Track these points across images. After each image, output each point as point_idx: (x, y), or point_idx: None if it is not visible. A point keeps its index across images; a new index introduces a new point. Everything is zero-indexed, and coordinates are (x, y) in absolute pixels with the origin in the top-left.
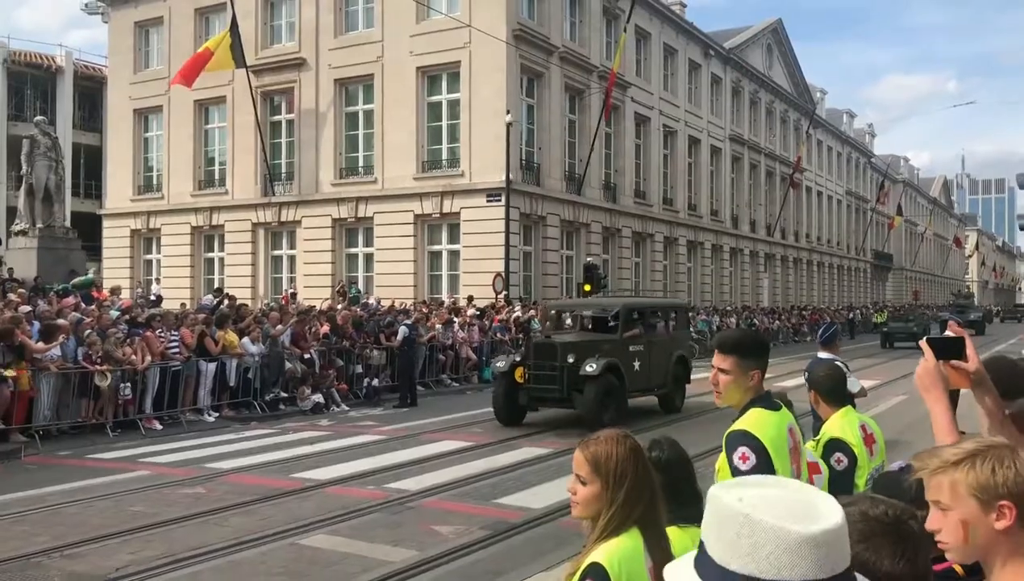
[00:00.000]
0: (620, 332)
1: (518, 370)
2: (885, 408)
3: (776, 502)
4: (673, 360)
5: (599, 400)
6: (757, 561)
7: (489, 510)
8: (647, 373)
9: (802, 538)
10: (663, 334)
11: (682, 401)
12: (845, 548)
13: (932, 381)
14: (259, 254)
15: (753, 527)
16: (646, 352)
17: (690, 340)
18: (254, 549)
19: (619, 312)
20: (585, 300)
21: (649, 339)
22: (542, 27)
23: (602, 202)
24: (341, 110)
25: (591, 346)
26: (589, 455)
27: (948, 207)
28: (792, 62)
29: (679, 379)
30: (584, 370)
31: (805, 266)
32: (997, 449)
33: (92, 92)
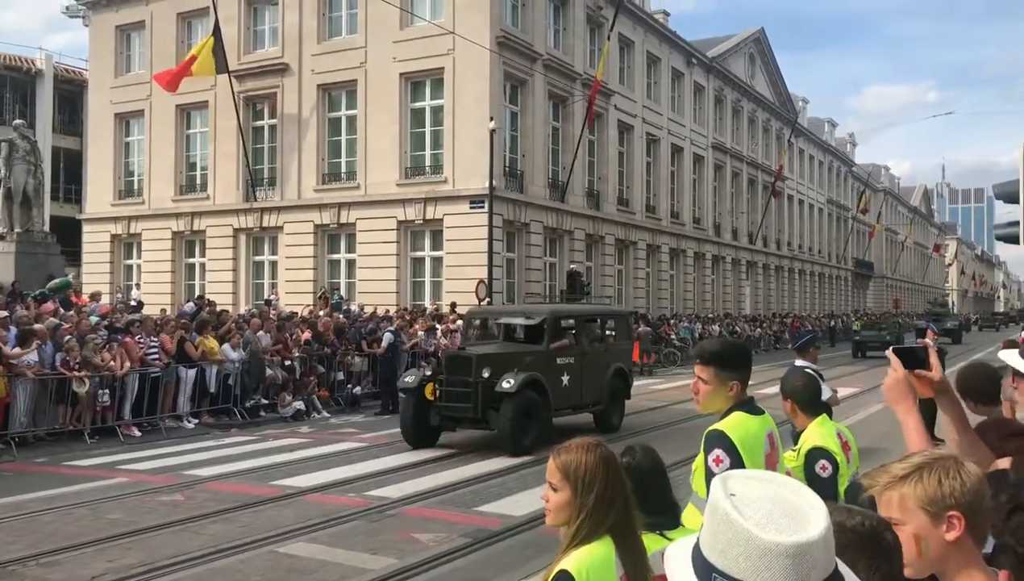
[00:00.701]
0: (546, 343)
1: (428, 386)
2: (864, 416)
3: (763, 504)
4: (610, 374)
5: (517, 420)
6: (727, 559)
7: (469, 518)
8: (578, 388)
9: (767, 547)
10: (599, 345)
11: (620, 419)
12: (822, 560)
13: (901, 393)
14: (240, 260)
15: (728, 526)
16: (577, 365)
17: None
18: (233, 557)
19: (545, 320)
20: (507, 307)
21: (582, 351)
22: (526, 34)
23: (585, 209)
24: (324, 116)
25: (511, 359)
26: (560, 463)
27: (928, 216)
28: (774, 71)
29: (617, 395)
30: (500, 386)
31: (787, 274)
32: (943, 460)
33: (72, 96)
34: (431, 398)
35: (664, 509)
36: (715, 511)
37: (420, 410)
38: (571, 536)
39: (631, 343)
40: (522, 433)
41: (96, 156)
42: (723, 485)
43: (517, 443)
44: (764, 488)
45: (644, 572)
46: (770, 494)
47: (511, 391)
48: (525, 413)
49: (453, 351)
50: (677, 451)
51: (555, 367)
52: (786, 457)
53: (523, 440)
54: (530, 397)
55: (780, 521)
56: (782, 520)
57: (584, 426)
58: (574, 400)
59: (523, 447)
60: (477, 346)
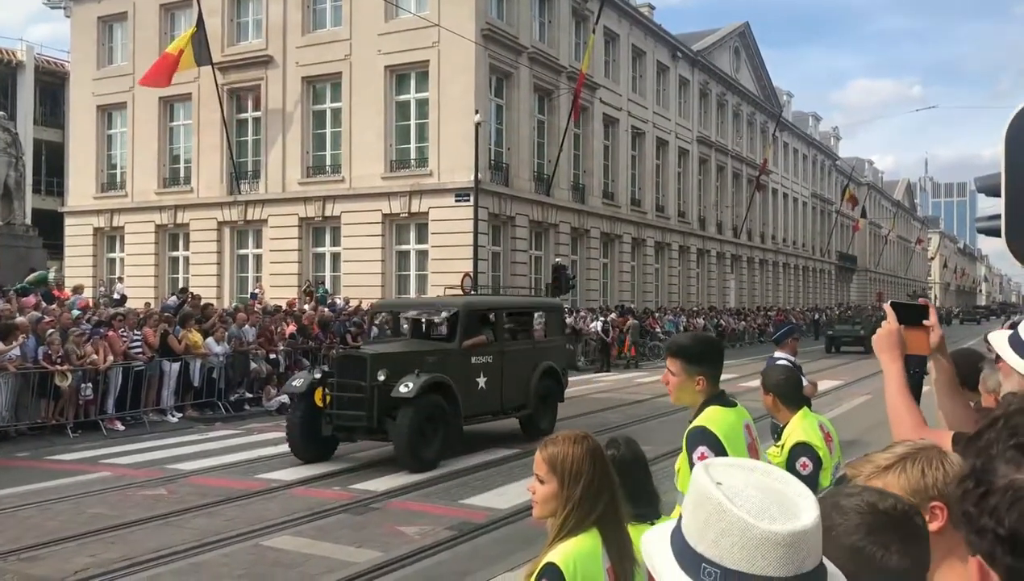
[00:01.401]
0: (459, 340)
1: (319, 391)
2: (848, 408)
3: (753, 492)
4: (538, 374)
5: (415, 430)
6: (720, 549)
7: (455, 511)
8: (498, 391)
9: (764, 536)
10: (525, 342)
11: (552, 423)
12: (815, 547)
13: (890, 344)
14: (225, 253)
15: (721, 515)
16: (497, 365)
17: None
18: (217, 551)
19: (457, 314)
20: (415, 299)
21: (502, 349)
22: (511, 27)
23: (570, 203)
24: (308, 108)
25: (411, 359)
26: (547, 455)
27: (911, 210)
28: (759, 65)
29: (547, 397)
30: (397, 391)
31: (771, 267)
32: (926, 451)
33: (54, 88)
34: (321, 404)
35: (646, 500)
36: (704, 500)
37: (310, 418)
38: (558, 528)
39: (564, 339)
40: (423, 445)
41: (78, 148)
42: (707, 473)
43: (416, 457)
44: (748, 476)
45: (630, 564)
46: (755, 482)
47: (409, 396)
48: (428, 420)
49: (345, 350)
50: (662, 444)
51: (469, 367)
52: (770, 453)
53: (423, 453)
54: (434, 403)
55: (772, 510)
56: (774, 508)
57: (508, 433)
58: (493, 404)
59: (424, 461)
60: (378, 344)
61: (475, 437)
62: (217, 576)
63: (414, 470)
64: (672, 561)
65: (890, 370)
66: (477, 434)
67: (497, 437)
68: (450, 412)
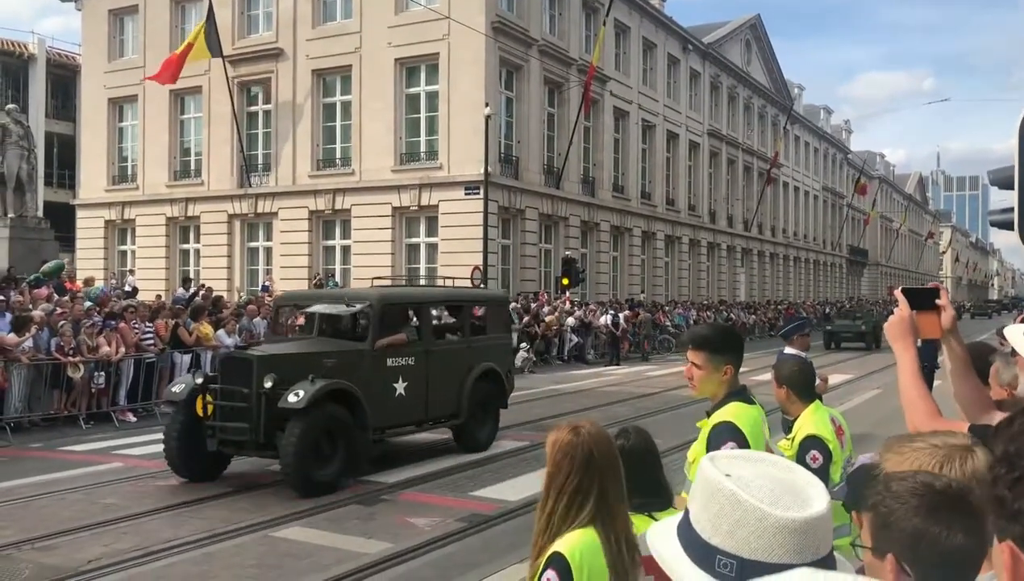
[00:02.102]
0: (371, 339)
1: (200, 398)
2: (859, 402)
3: (764, 482)
4: (474, 377)
5: (307, 447)
6: (736, 540)
7: (465, 502)
8: (421, 398)
9: (781, 523)
10: (457, 340)
11: (491, 434)
12: (828, 534)
13: (902, 331)
14: (235, 246)
15: (736, 506)
16: (420, 367)
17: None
18: (228, 541)
19: (369, 309)
20: (323, 291)
21: (427, 348)
22: (521, 20)
23: (580, 196)
24: (318, 101)
25: (306, 361)
26: (548, 441)
27: (923, 204)
28: (770, 58)
29: (487, 404)
30: (285, 400)
31: (781, 261)
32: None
33: (65, 81)
34: (203, 414)
35: (656, 491)
36: (716, 492)
37: (191, 430)
38: (545, 519)
39: (510, 336)
40: (317, 464)
41: (89, 141)
42: (716, 466)
43: (306, 479)
44: (756, 467)
45: (627, 559)
46: (764, 473)
47: (299, 407)
48: (327, 435)
49: (230, 350)
50: (671, 437)
51: (384, 371)
52: (781, 446)
53: (317, 474)
54: (331, 414)
55: (785, 498)
56: (787, 497)
57: (516, 424)
58: (415, 413)
59: (318, 484)
60: (273, 344)
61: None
62: (228, 566)
63: (306, 495)
64: (683, 556)
65: (903, 358)
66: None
67: (506, 430)
68: (354, 425)
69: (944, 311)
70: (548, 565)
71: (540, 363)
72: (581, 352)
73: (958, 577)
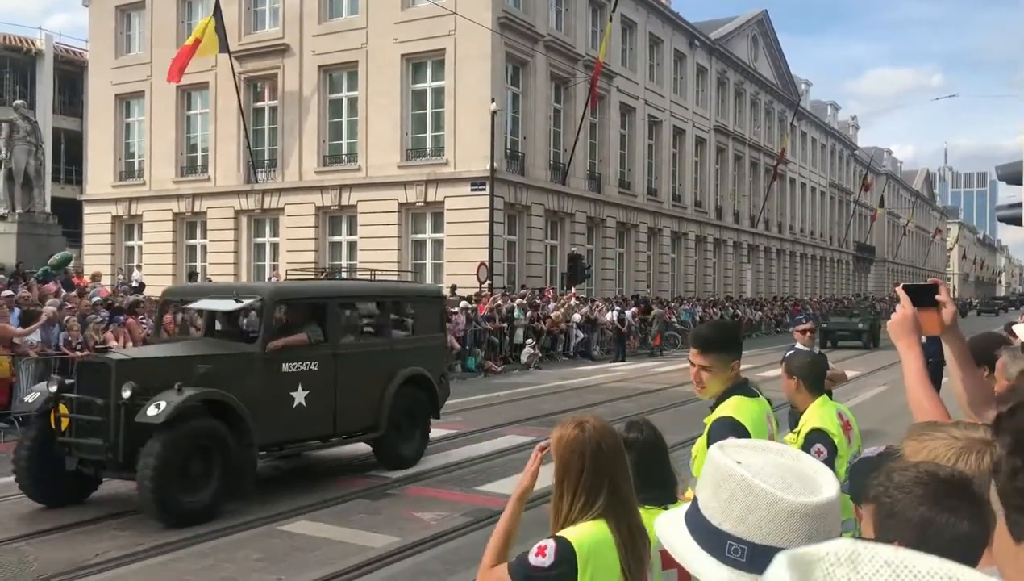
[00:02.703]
0: (262, 340)
1: (55, 410)
2: (867, 397)
3: (774, 469)
4: (396, 384)
5: (168, 469)
6: (747, 525)
7: (472, 497)
8: (328, 408)
9: (793, 508)
10: (376, 341)
11: (419, 448)
12: (838, 521)
13: (906, 329)
14: (242, 241)
15: (747, 492)
16: (326, 373)
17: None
18: (235, 535)
19: (261, 304)
20: (211, 285)
21: (334, 351)
22: (527, 15)
23: (586, 192)
24: (325, 97)
25: (175, 367)
26: (553, 437)
27: (930, 200)
28: (777, 53)
29: (414, 414)
30: (144, 414)
31: (788, 257)
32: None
33: (73, 76)
34: (55, 428)
35: (666, 484)
36: (726, 479)
37: (45, 447)
38: (554, 513)
39: (443, 336)
40: (181, 490)
41: (97, 137)
42: (726, 454)
43: (167, 507)
44: (764, 456)
45: (640, 551)
46: (772, 461)
47: (157, 422)
48: (200, 453)
49: (88, 355)
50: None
51: (278, 378)
52: (787, 439)
53: (182, 501)
54: (203, 429)
55: (796, 485)
56: (797, 483)
57: (520, 420)
58: (319, 427)
59: (183, 513)
60: (146, 347)
61: (492, 423)
62: (235, 560)
63: (170, 525)
64: (692, 543)
65: (908, 357)
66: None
67: (512, 425)
68: (234, 441)
69: (944, 307)
70: (552, 539)
71: (546, 359)
72: (587, 348)
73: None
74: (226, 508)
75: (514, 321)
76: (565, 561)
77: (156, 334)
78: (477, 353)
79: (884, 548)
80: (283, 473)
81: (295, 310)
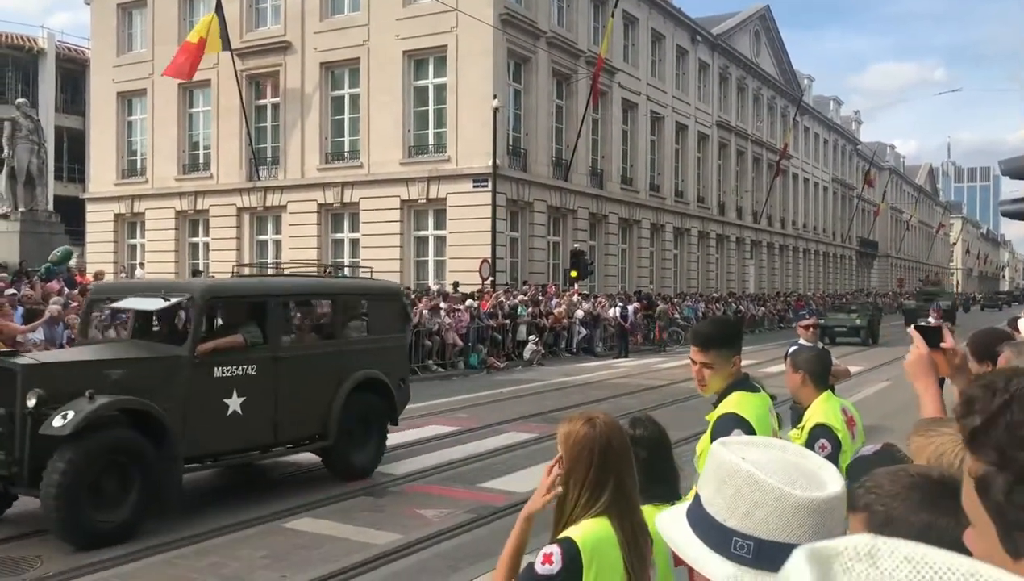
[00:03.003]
0: (191, 342)
1: None
2: (870, 393)
3: (779, 465)
4: (346, 390)
5: (76, 485)
6: (754, 521)
7: (474, 494)
8: (267, 416)
9: (800, 503)
10: (323, 343)
11: (374, 458)
12: (842, 516)
13: (923, 370)
14: (244, 239)
15: (754, 487)
16: (265, 378)
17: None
18: (238, 533)
19: (191, 302)
20: (138, 283)
21: (275, 354)
22: (529, 11)
23: (589, 188)
24: (327, 94)
25: (87, 373)
26: (560, 433)
27: (933, 195)
28: (779, 49)
29: (367, 420)
30: (49, 425)
31: (791, 253)
32: None
33: (75, 75)
34: None
35: (669, 481)
36: (732, 475)
37: None
38: (559, 510)
39: (403, 337)
40: (93, 508)
41: (99, 135)
42: (729, 451)
43: (76, 527)
44: (768, 452)
45: (642, 548)
46: (775, 457)
47: (63, 433)
48: (115, 468)
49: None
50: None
51: (209, 383)
52: (791, 435)
53: (93, 520)
54: (119, 441)
55: (802, 480)
56: (802, 479)
57: (523, 417)
58: (258, 436)
59: (93, 533)
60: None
61: (495, 420)
62: (238, 558)
63: (80, 548)
64: (696, 540)
65: (925, 398)
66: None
67: (515, 421)
68: (155, 454)
69: (951, 352)
70: (556, 543)
71: (549, 355)
72: (590, 344)
73: None
74: (228, 506)
75: (517, 318)
76: (571, 562)
77: (83, 335)
78: (480, 350)
79: (904, 544)
80: (284, 472)
81: (231, 309)
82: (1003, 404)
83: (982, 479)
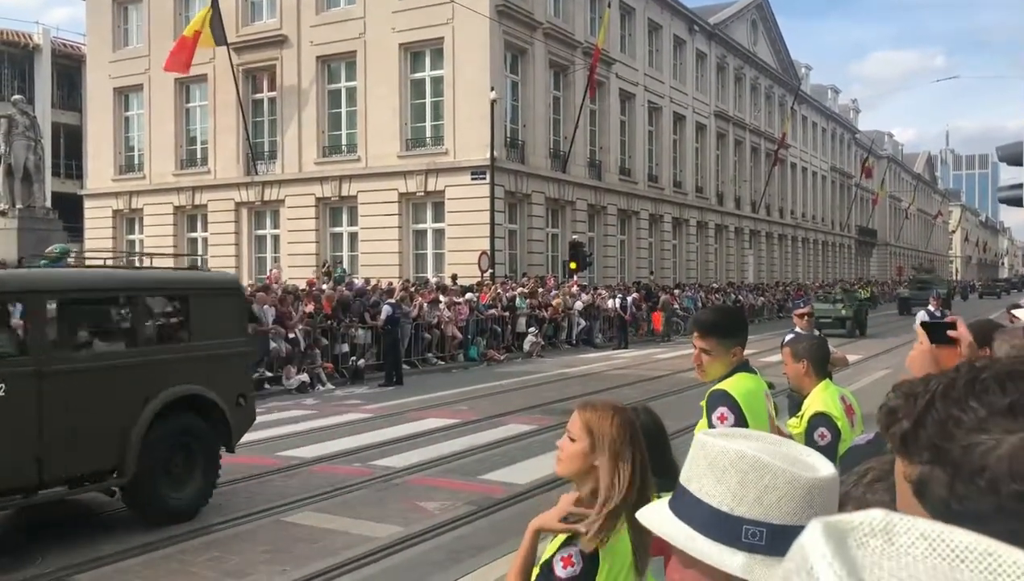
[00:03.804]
0: None
1: None
2: (868, 382)
3: (770, 451)
4: (151, 411)
5: None
6: (764, 506)
7: (474, 486)
8: (26, 451)
9: (812, 483)
10: (122, 353)
11: (203, 493)
12: (836, 498)
13: (925, 365)
14: (242, 234)
15: (763, 472)
16: (25, 399)
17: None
18: (239, 527)
19: None
20: None
21: (39, 368)
22: (525, 2)
23: (587, 180)
24: (323, 88)
25: None
26: (585, 418)
27: (932, 183)
28: (777, 38)
29: (189, 449)
30: None
31: (790, 242)
32: None
33: (71, 71)
34: None
35: (666, 471)
36: (736, 461)
37: None
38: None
39: (243, 341)
40: None
41: (96, 131)
42: (724, 440)
43: None
44: (753, 443)
45: (644, 541)
46: (759, 447)
47: None
48: None
49: None
50: (679, 419)
51: None
52: (790, 424)
53: None
54: None
55: (799, 463)
56: (799, 462)
57: (524, 408)
58: (12, 476)
59: None
60: None
61: (494, 412)
62: (240, 551)
63: None
64: (695, 533)
65: None
66: (419, 433)
67: (515, 413)
68: None
69: (962, 343)
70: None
71: (548, 347)
72: (589, 336)
73: None
74: (233, 504)
75: (516, 310)
76: (590, 561)
77: None
78: (479, 342)
79: (920, 521)
80: (286, 469)
81: None
82: (927, 404)
83: (920, 481)
